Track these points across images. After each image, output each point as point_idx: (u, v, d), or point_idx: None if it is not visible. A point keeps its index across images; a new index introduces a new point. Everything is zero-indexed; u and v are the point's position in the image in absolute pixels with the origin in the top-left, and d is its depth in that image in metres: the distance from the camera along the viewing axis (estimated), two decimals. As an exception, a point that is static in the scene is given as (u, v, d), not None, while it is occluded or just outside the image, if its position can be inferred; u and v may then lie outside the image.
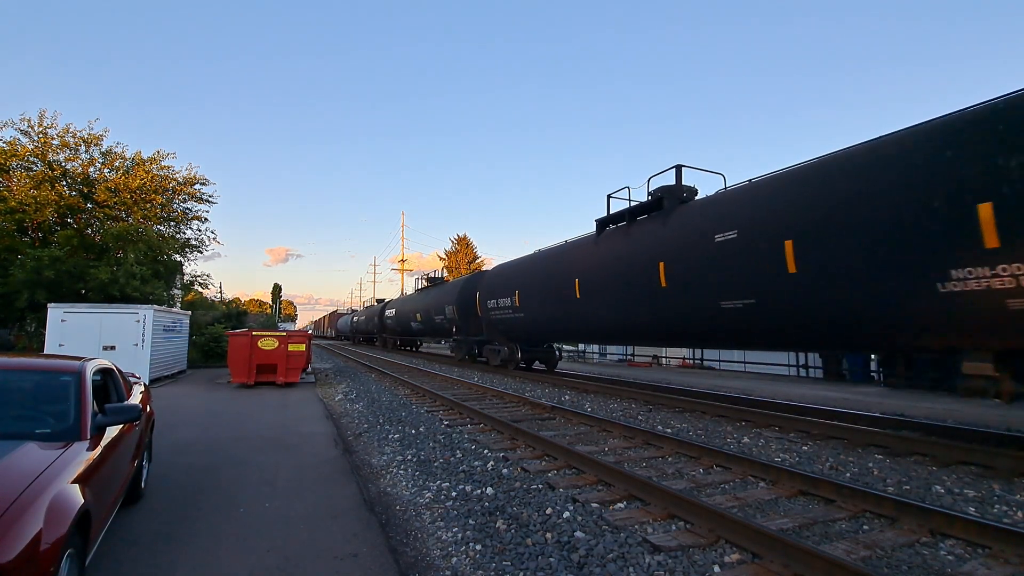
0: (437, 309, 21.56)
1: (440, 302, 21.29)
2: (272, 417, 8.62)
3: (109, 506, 3.14)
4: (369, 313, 31.43)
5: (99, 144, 19.10)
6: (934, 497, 4.50)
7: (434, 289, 24.19)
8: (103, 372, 3.93)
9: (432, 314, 22.30)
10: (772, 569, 3.08)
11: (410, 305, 26.56)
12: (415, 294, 27.66)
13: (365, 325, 36.58)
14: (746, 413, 8.10)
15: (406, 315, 26.86)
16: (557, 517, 3.94)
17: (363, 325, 37.25)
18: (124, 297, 15.64)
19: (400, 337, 31.23)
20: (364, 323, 36.32)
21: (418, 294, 26.58)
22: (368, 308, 35.96)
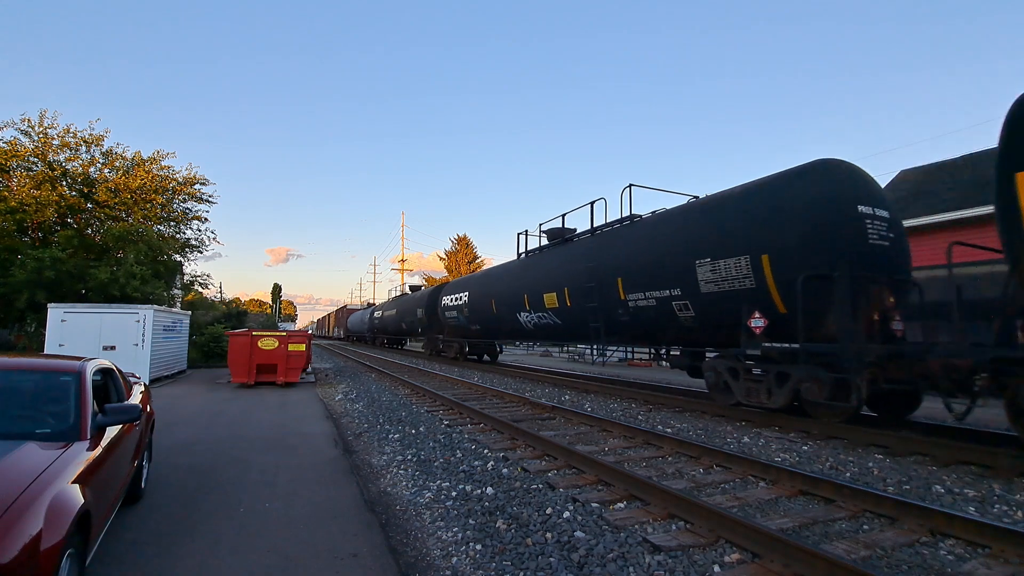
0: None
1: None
2: (272, 417, 8.62)
3: (109, 506, 3.14)
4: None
5: (100, 144, 19.11)
6: (934, 497, 4.50)
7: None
8: (103, 372, 3.93)
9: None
10: (772, 569, 3.08)
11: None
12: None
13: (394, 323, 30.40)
14: (746, 413, 8.09)
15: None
16: (557, 517, 3.94)
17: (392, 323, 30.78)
18: (124, 297, 15.64)
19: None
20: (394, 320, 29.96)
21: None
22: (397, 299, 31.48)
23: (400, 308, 28.58)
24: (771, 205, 7.57)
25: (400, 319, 28.17)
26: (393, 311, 30.27)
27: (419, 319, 24.01)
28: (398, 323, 28.99)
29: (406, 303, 27.61)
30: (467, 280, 20.08)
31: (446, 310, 20.09)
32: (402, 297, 30.72)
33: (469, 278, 20.36)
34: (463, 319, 18.66)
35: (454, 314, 19.40)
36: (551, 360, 26.51)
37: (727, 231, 7.96)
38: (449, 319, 20.14)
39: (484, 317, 17.02)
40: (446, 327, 20.98)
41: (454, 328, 20.33)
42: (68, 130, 18.40)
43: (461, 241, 53.35)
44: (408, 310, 26.47)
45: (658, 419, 8.20)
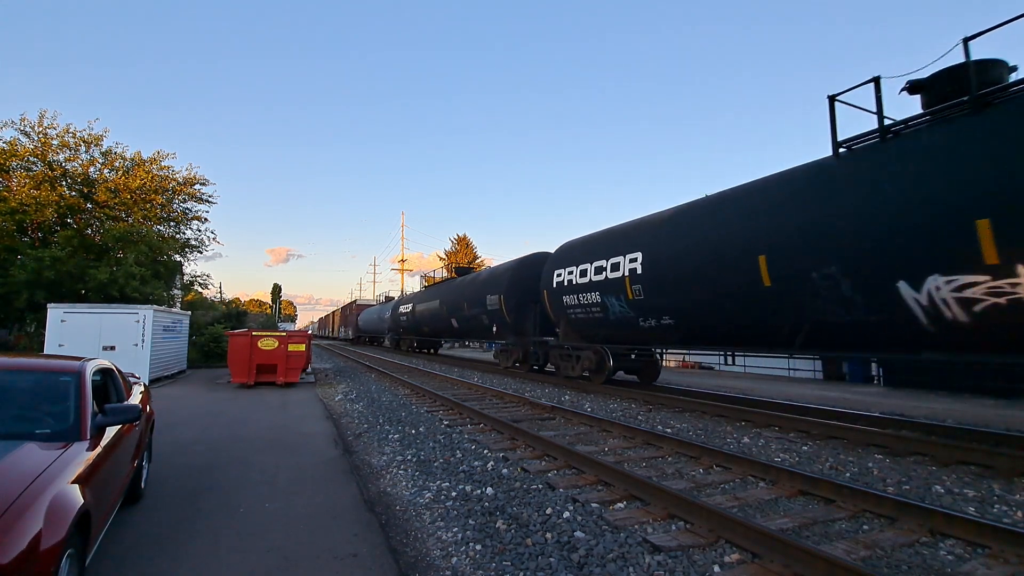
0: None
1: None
2: (272, 417, 8.61)
3: (109, 506, 3.14)
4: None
5: (99, 144, 19.14)
6: (934, 497, 4.50)
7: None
8: (103, 372, 3.93)
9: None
10: (772, 569, 3.08)
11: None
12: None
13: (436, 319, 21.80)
14: (746, 413, 8.09)
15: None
16: (557, 517, 3.94)
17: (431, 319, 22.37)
18: (123, 297, 15.65)
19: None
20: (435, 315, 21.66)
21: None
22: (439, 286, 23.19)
23: (448, 297, 19.99)
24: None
25: (450, 313, 19.52)
26: (434, 303, 21.53)
27: (493, 311, 15.92)
28: (444, 319, 20.39)
29: (461, 289, 19.10)
30: (627, 231, 10.82)
31: (570, 291, 11.82)
32: (451, 282, 21.57)
33: (625, 227, 11.09)
34: (623, 307, 10.23)
35: (594, 299, 10.96)
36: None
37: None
38: (578, 310, 11.68)
39: (684, 296, 8.85)
40: (567, 321, 12.36)
41: (592, 323, 11.42)
42: (68, 130, 18.43)
43: (461, 241, 53.32)
44: (466, 298, 17.99)
45: (658, 419, 8.20)
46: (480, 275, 18.91)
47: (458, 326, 19.70)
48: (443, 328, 21.57)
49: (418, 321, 24.30)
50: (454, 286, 20.60)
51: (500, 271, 16.93)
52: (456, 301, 19.33)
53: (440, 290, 22.28)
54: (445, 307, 20.42)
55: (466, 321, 18.50)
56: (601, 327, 11.34)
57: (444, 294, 21.10)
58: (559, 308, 12.52)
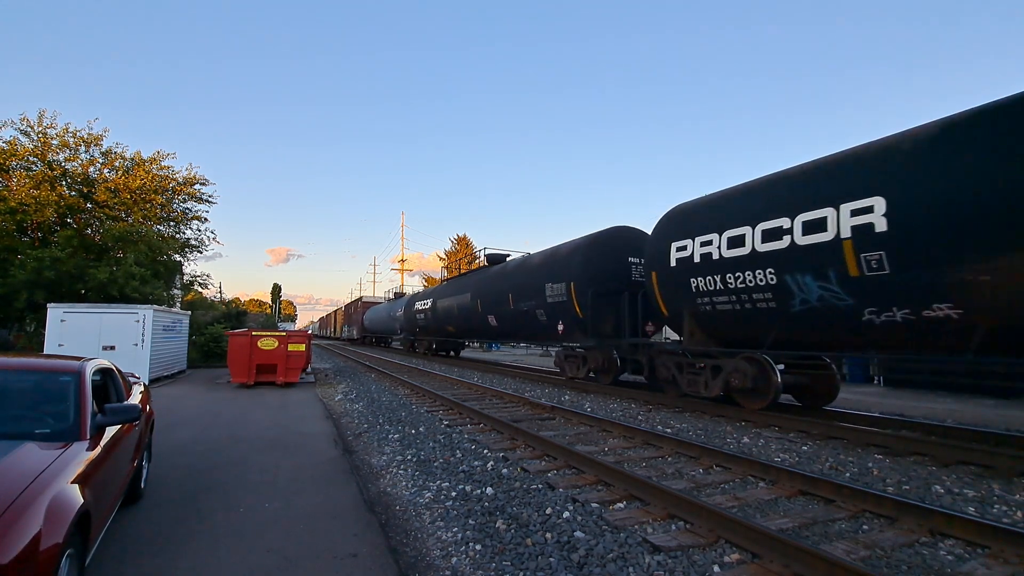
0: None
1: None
2: (272, 417, 8.61)
3: (109, 506, 3.14)
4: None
5: (99, 144, 19.13)
6: (934, 497, 4.50)
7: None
8: (103, 372, 3.92)
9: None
10: (772, 569, 3.08)
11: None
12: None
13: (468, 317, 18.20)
14: (746, 413, 8.09)
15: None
16: (557, 517, 3.94)
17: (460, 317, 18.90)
18: (123, 297, 15.64)
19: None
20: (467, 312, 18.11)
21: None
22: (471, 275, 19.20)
23: (484, 290, 16.28)
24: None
25: (487, 309, 15.90)
26: (463, 297, 17.92)
27: (556, 304, 12.33)
28: (478, 317, 16.68)
29: (502, 279, 15.38)
30: (838, 168, 6.84)
31: (703, 270, 8.36)
32: (483, 272, 17.75)
33: (826, 165, 7.05)
34: (832, 291, 6.63)
35: (760, 279, 7.47)
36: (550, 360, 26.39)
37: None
38: (719, 299, 8.21)
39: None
40: (695, 316, 8.83)
41: (748, 318, 7.95)
42: (67, 130, 18.42)
43: (461, 241, 53.29)
44: (513, 289, 14.35)
45: (658, 419, 8.20)
46: (531, 260, 14.81)
47: (499, 325, 15.73)
48: (476, 327, 17.68)
49: (440, 319, 20.61)
50: (491, 276, 16.61)
51: (564, 252, 12.73)
52: (496, 294, 15.48)
53: (470, 282, 18.21)
54: (479, 302, 16.47)
55: (512, 319, 14.73)
56: (770, 323, 7.56)
57: (477, 286, 17.01)
58: (681, 297, 8.76)
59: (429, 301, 22.46)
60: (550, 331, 13.20)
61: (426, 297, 23.49)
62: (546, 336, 13.86)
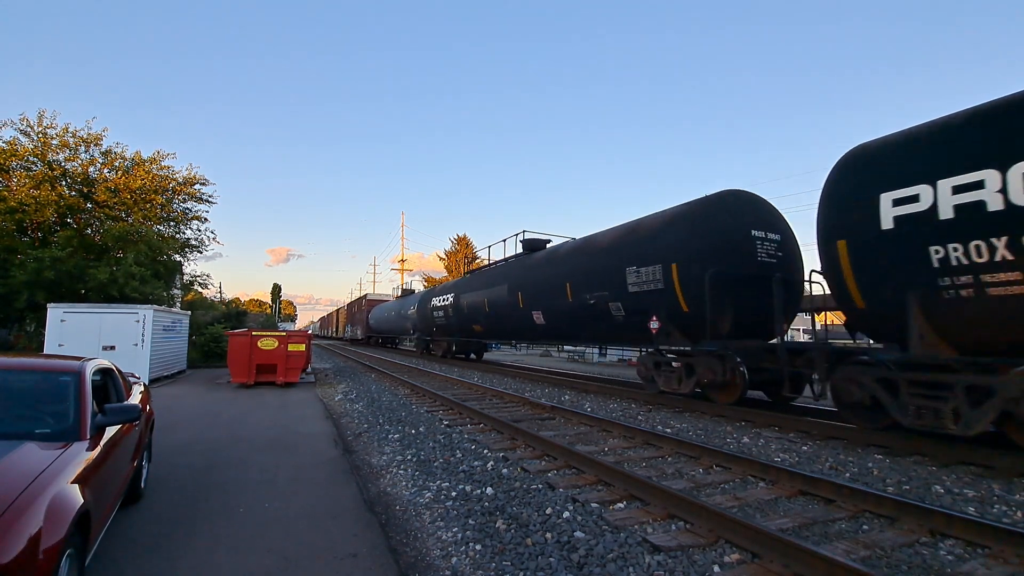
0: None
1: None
2: (272, 417, 8.61)
3: (109, 506, 3.14)
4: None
5: (99, 144, 19.11)
6: (934, 497, 4.50)
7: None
8: (103, 372, 3.92)
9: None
10: (772, 569, 3.08)
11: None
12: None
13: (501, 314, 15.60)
14: (746, 413, 8.09)
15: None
16: (557, 517, 3.94)
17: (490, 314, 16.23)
18: (123, 297, 15.64)
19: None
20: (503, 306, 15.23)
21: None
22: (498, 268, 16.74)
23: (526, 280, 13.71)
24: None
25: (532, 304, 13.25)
26: (497, 290, 15.13)
27: (644, 294, 9.60)
28: (518, 313, 13.93)
29: (554, 265, 12.74)
30: None
31: (959, 232, 5.16)
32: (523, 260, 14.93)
33: None
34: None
35: None
36: (550, 360, 26.52)
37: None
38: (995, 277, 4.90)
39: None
40: (929, 308, 5.54)
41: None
42: (67, 129, 18.40)
43: (461, 241, 53.29)
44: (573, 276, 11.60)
45: (658, 419, 8.20)
46: (595, 240, 11.61)
47: (548, 323, 12.92)
48: (515, 326, 14.67)
49: (464, 317, 17.63)
50: (535, 264, 13.74)
51: (657, 225, 9.71)
52: (544, 284, 12.72)
53: (506, 272, 15.31)
54: (520, 295, 13.61)
55: (570, 315, 11.85)
56: None
57: (517, 276, 14.18)
58: (902, 277, 5.75)
59: (449, 297, 19.53)
60: (632, 329, 10.16)
61: (445, 292, 20.61)
62: (626, 336, 10.91)
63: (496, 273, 16.45)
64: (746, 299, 8.51)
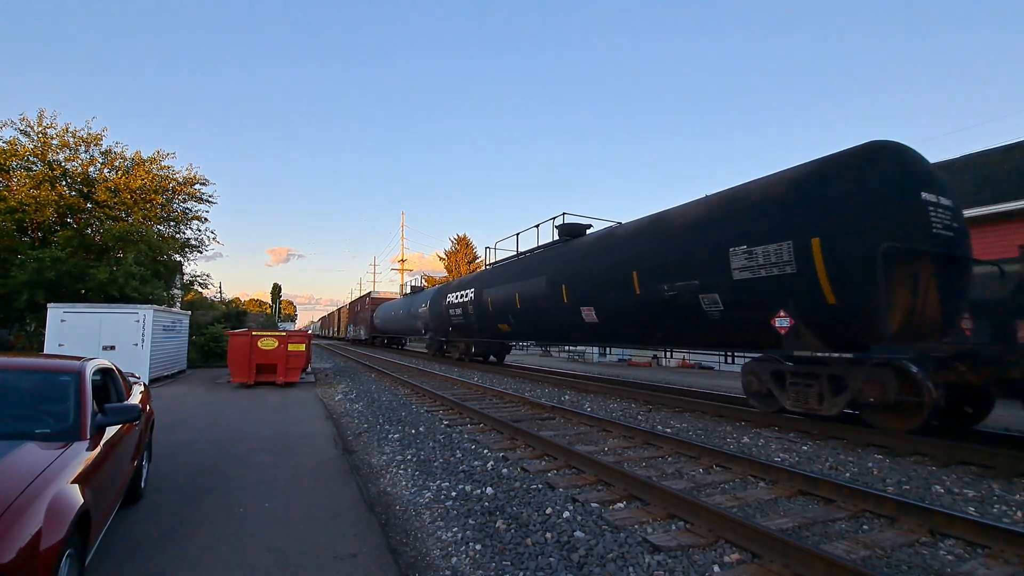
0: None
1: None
2: (272, 417, 8.61)
3: (109, 506, 3.14)
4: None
5: (99, 144, 19.14)
6: (934, 497, 4.50)
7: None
8: (103, 372, 3.92)
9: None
10: (772, 569, 3.08)
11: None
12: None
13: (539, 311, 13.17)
14: (746, 413, 8.09)
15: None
16: (557, 517, 3.94)
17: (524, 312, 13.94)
18: (123, 297, 15.65)
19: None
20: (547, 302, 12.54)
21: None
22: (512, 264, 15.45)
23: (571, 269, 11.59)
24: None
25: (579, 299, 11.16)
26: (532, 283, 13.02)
27: (768, 280, 7.14)
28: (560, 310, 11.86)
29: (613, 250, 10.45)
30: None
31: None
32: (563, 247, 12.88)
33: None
34: None
35: None
36: (550, 360, 26.52)
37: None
38: None
39: None
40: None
41: None
42: (67, 129, 18.44)
43: (461, 241, 53.30)
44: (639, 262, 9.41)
45: (658, 419, 8.20)
46: (679, 214, 9.10)
47: (600, 321, 10.65)
48: (557, 326, 12.50)
49: (489, 316, 15.29)
50: (583, 250, 11.43)
51: (778, 189, 7.43)
52: (597, 275, 10.46)
53: (543, 261, 13.06)
54: (565, 288, 11.43)
55: (637, 311, 9.49)
56: None
57: (558, 267, 11.98)
58: None
59: (469, 292, 17.16)
60: (737, 328, 7.97)
61: (463, 288, 18.05)
62: (727, 337, 8.41)
63: (530, 263, 13.86)
64: (919, 286, 6.39)
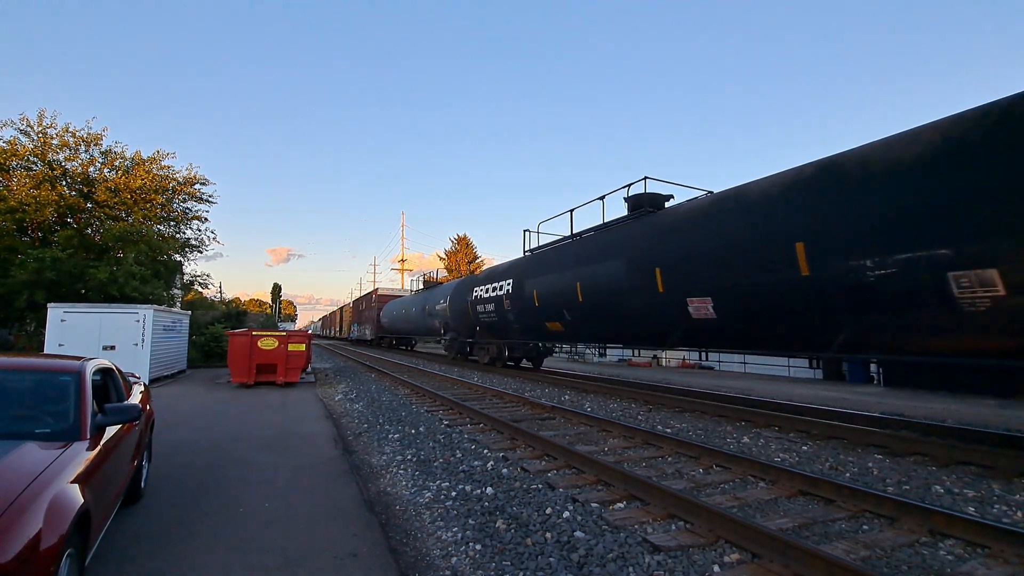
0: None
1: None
2: (272, 417, 8.61)
3: (109, 506, 3.14)
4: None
5: (99, 143, 19.12)
6: (934, 497, 4.50)
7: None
8: (103, 372, 3.92)
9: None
10: (772, 569, 3.08)
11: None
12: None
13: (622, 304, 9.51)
14: (746, 413, 8.09)
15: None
16: (557, 517, 3.94)
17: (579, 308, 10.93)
18: (123, 297, 15.64)
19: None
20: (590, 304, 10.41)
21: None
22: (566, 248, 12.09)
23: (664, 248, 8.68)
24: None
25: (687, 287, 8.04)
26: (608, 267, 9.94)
27: None
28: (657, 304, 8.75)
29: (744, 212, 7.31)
30: None
31: None
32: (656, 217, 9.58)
33: None
34: None
35: None
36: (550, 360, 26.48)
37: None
38: None
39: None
40: None
41: None
42: (67, 129, 18.42)
43: (461, 241, 53.27)
44: (815, 220, 6.17)
45: (658, 419, 8.19)
46: (880, 154, 5.85)
47: (720, 317, 7.75)
48: (645, 323, 9.53)
49: (534, 312, 12.65)
50: (691, 219, 8.58)
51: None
52: (714, 251, 7.72)
53: (619, 241, 10.05)
54: (661, 272, 8.61)
55: (801, 300, 6.61)
56: None
57: (646, 245, 9.28)
58: None
59: (504, 285, 14.09)
60: None
61: (496, 279, 15.06)
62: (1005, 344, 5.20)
63: (597, 244, 10.57)
64: None
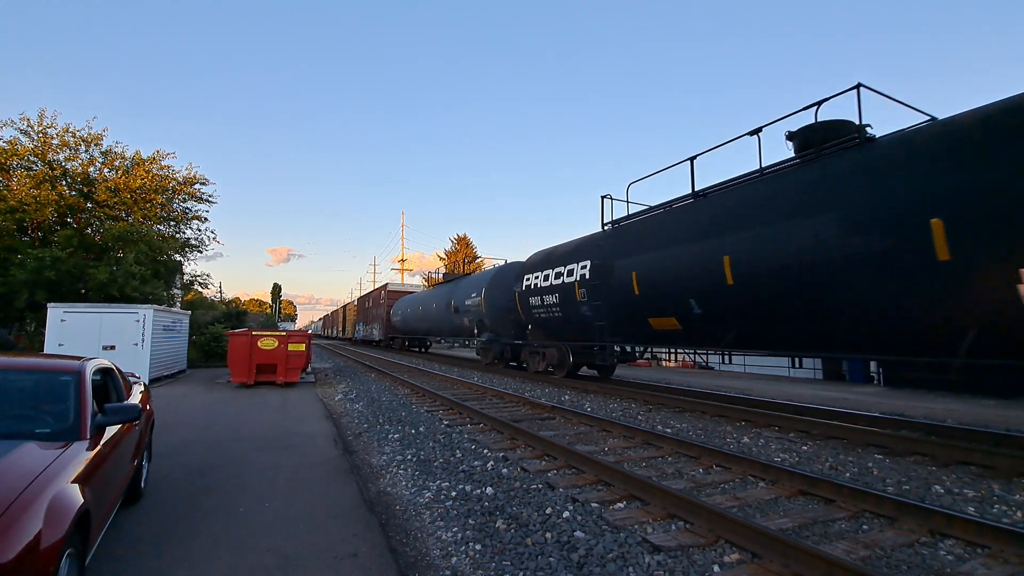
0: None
1: None
2: (272, 417, 8.61)
3: (109, 506, 3.14)
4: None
5: (99, 143, 19.12)
6: (934, 497, 4.50)
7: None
8: (103, 372, 3.92)
9: None
10: (772, 569, 3.08)
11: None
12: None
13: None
14: (746, 413, 8.09)
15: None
16: (557, 517, 3.94)
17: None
18: (123, 297, 15.64)
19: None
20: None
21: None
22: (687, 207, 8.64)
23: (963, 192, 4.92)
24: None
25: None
26: (807, 226, 6.36)
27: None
28: (926, 286, 5.33)
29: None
30: None
31: None
32: (884, 148, 6.01)
33: None
34: None
35: None
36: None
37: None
38: None
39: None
40: None
41: None
42: (67, 129, 18.42)
43: (461, 241, 53.26)
44: None
45: (658, 419, 8.19)
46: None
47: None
48: (927, 319, 5.80)
49: (633, 303, 9.77)
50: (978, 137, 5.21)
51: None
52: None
53: (811, 185, 6.79)
54: (946, 229, 5.20)
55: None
56: None
57: (880, 191, 5.89)
58: None
59: (576, 268, 11.32)
60: None
61: (558, 263, 12.12)
62: None
63: (769, 196, 7.47)
64: None
